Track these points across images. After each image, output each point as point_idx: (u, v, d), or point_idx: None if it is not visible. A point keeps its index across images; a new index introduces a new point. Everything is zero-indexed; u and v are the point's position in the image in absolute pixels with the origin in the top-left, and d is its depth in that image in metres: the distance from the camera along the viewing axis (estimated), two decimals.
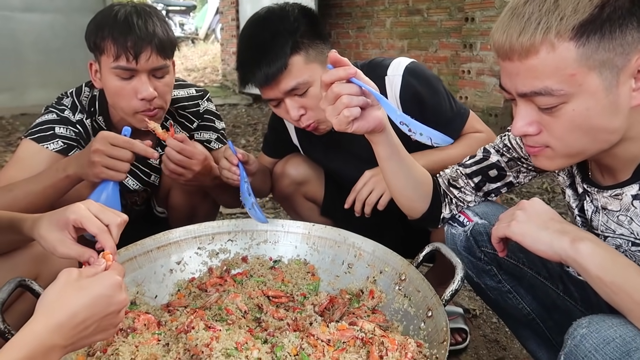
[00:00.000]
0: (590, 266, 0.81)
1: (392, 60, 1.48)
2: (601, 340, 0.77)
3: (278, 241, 1.42)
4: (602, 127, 0.82)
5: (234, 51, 7.30)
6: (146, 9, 1.39)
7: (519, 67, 0.82)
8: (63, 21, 5.59)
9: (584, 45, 0.77)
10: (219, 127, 1.72)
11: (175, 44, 1.44)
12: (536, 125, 0.87)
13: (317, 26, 1.38)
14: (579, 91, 0.79)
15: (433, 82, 1.45)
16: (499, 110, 4.21)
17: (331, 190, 1.69)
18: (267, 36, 1.32)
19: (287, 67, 1.30)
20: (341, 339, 1.01)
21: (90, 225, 0.88)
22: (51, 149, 1.42)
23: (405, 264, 1.20)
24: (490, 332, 1.73)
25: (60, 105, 1.49)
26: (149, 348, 1.02)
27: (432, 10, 5.06)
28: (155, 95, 1.38)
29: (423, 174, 1.22)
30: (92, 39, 1.37)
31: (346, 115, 0.94)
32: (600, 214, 0.97)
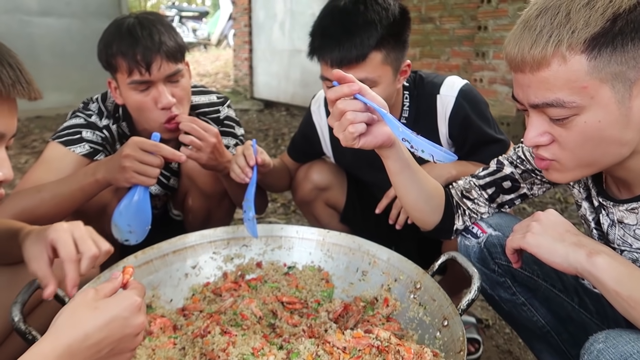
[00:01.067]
0: (607, 280, 0.80)
1: (444, 78, 1.50)
2: (618, 356, 0.76)
3: (292, 247, 1.43)
4: (614, 139, 0.82)
5: (246, 57, 7.36)
6: (149, 18, 1.40)
7: (531, 79, 0.83)
8: (79, 25, 5.68)
9: (595, 58, 0.77)
10: (239, 133, 1.74)
11: (184, 46, 1.45)
12: (548, 136, 0.87)
13: (407, 32, 1.37)
14: (591, 103, 0.80)
15: (483, 107, 1.49)
16: (511, 119, 4.20)
17: (352, 198, 1.70)
18: (360, 20, 1.28)
19: (365, 59, 1.29)
20: (357, 347, 1.01)
21: (61, 249, 0.88)
22: (77, 152, 1.44)
23: (421, 272, 1.20)
24: (503, 343, 1.72)
25: (87, 110, 1.52)
26: (166, 352, 1.02)
27: (445, 19, 5.06)
28: (174, 102, 1.40)
29: (435, 186, 1.22)
30: (103, 58, 1.40)
31: (351, 132, 0.95)
32: (617, 227, 0.96)
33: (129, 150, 1.21)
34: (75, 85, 5.59)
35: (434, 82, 1.49)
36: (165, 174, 1.67)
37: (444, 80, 1.49)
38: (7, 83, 0.78)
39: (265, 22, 6.87)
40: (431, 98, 1.48)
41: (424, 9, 5.28)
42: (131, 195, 1.26)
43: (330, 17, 1.33)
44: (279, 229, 1.44)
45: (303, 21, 6.10)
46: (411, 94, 1.51)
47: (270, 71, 6.94)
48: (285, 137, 5.08)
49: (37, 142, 4.45)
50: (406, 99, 1.51)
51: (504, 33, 4.25)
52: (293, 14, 6.28)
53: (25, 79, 0.82)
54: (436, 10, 5.14)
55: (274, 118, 6.25)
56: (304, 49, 5.75)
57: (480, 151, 1.45)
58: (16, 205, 1.25)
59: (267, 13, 6.79)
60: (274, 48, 6.78)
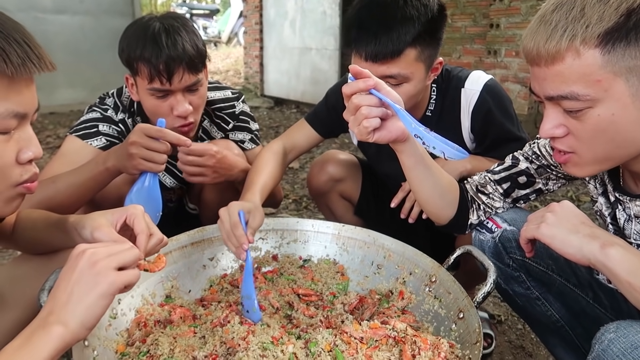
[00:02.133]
0: (620, 271, 0.81)
1: (470, 72, 1.50)
2: (629, 345, 0.77)
3: (308, 241, 1.44)
4: (628, 133, 0.83)
5: (256, 54, 7.38)
6: (174, 24, 1.40)
7: (546, 73, 0.84)
8: (92, 23, 5.74)
9: (609, 52, 0.78)
10: (253, 128, 1.76)
11: (205, 54, 1.46)
12: (563, 129, 0.88)
13: (442, 29, 1.36)
14: (604, 97, 0.81)
15: (506, 103, 1.49)
16: (523, 117, 4.18)
17: (366, 191, 1.72)
18: (398, 15, 1.27)
19: (401, 55, 1.28)
20: (374, 337, 1.03)
21: (138, 224, 0.93)
22: (95, 146, 1.47)
23: (436, 265, 1.21)
24: (516, 338, 1.72)
25: (104, 105, 1.55)
26: (187, 340, 1.05)
27: (457, 16, 5.04)
28: (190, 111, 1.43)
29: (449, 181, 1.23)
30: (124, 56, 1.42)
31: (365, 126, 0.97)
32: (633, 222, 0.97)
33: (135, 137, 1.23)
34: (89, 82, 5.65)
35: (459, 76, 1.50)
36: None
37: (469, 75, 1.49)
38: (17, 63, 0.77)
39: (276, 20, 6.89)
40: (456, 92, 1.49)
41: None
42: (141, 182, 1.27)
43: (368, 9, 1.32)
44: (294, 223, 1.46)
45: (314, 19, 6.11)
46: (439, 87, 1.52)
47: (280, 69, 6.97)
48: None
49: (51, 137, 4.51)
50: (433, 92, 1.51)
51: (516, 31, 4.23)
52: (304, 12, 6.29)
53: (35, 54, 0.80)
54: (448, 8, 5.09)
55: (284, 115, 6.28)
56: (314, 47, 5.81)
57: (500, 147, 1.45)
58: (33, 197, 1.27)
59: (278, 11, 6.81)
60: (285, 46, 6.80)
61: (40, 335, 0.69)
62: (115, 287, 0.74)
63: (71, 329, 0.71)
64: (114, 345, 1.04)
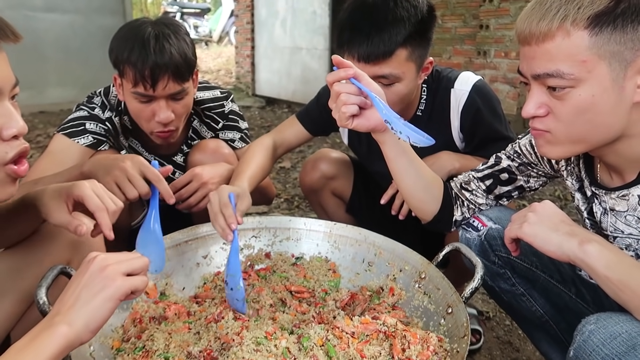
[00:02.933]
0: (597, 266, 0.85)
1: (459, 73, 1.54)
2: (608, 336, 0.81)
3: (300, 239, 1.47)
4: (605, 115, 0.87)
5: (248, 54, 7.39)
6: (165, 31, 1.41)
7: (536, 51, 0.89)
8: (82, 21, 5.71)
9: (596, 34, 0.83)
10: (243, 127, 1.79)
11: (193, 64, 1.47)
12: (545, 108, 0.93)
13: (432, 30, 1.39)
14: (587, 77, 0.85)
15: (494, 104, 1.53)
16: (512, 117, 4.24)
17: (358, 189, 1.75)
18: (389, 16, 1.30)
19: (392, 55, 1.31)
20: (365, 332, 1.06)
21: (90, 202, 1.00)
22: (81, 144, 1.49)
23: (425, 262, 1.25)
24: (504, 334, 1.77)
25: (91, 104, 1.56)
26: (182, 336, 1.07)
27: (447, 17, 5.09)
28: (172, 119, 1.45)
29: (432, 176, 1.27)
30: (112, 57, 1.43)
31: (343, 112, 1.04)
32: (609, 215, 1.01)
33: (129, 167, 1.21)
34: (79, 80, 5.62)
35: (449, 76, 1.53)
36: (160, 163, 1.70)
37: (458, 75, 1.53)
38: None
39: (267, 20, 6.90)
40: (446, 92, 1.52)
41: None
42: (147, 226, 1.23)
43: (360, 12, 1.35)
44: (287, 221, 1.48)
45: (304, 19, 6.13)
46: (429, 87, 1.55)
47: (271, 68, 6.98)
48: None
49: (41, 137, 4.49)
50: (424, 92, 1.55)
51: (505, 32, 4.29)
52: (294, 12, 6.31)
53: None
54: (438, 9, 5.17)
55: (275, 115, 6.29)
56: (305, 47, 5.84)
57: (488, 146, 1.49)
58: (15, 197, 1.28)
59: (269, 10, 6.83)
60: (276, 45, 6.82)
61: (45, 334, 0.71)
62: (122, 291, 0.76)
63: (75, 330, 0.72)
64: (110, 341, 1.06)
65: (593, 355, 0.82)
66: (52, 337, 0.70)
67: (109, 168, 1.24)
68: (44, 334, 0.71)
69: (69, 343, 0.72)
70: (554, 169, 1.19)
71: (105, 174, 1.24)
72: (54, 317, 0.74)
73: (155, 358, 0.97)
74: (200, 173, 1.49)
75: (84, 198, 1.01)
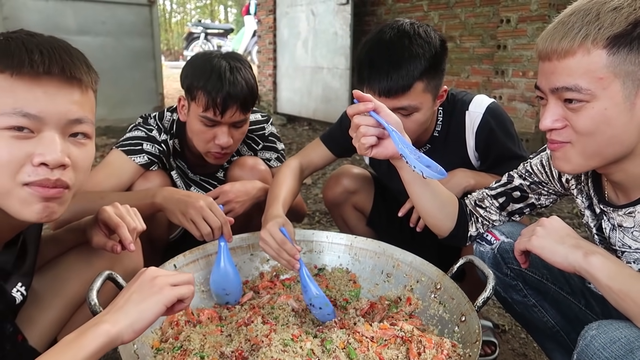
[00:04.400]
0: (600, 276, 0.92)
1: (473, 96, 1.63)
2: (608, 340, 0.88)
3: (323, 251, 1.56)
4: (616, 129, 0.94)
5: (270, 73, 7.58)
6: (237, 65, 1.57)
7: (557, 66, 0.96)
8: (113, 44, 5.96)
9: (614, 54, 0.91)
10: (279, 147, 1.93)
11: (257, 97, 1.63)
12: (562, 122, 0.99)
13: (444, 62, 1.47)
14: (601, 94, 0.92)
15: (508, 125, 1.62)
16: (530, 135, 4.29)
17: (378, 204, 1.84)
18: (405, 54, 1.39)
19: (410, 89, 1.40)
20: (383, 337, 1.14)
21: (110, 222, 1.16)
22: (137, 162, 1.62)
23: (441, 274, 1.32)
24: (519, 347, 1.81)
25: (148, 125, 1.70)
26: (215, 337, 1.17)
27: (465, 37, 5.19)
28: (230, 144, 1.60)
29: (448, 196, 1.36)
30: (186, 82, 1.58)
31: (363, 143, 1.13)
32: (617, 231, 1.08)
33: (202, 205, 1.39)
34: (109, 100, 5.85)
35: (464, 99, 1.63)
36: (212, 183, 1.84)
37: (473, 98, 1.62)
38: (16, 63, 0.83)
39: (289, 40, 7.10)
40: (461, 114, 1.61)
41: (445, 28, 5.43)
42: (218, 264, 1.39)
43: (377, 50, 1.44)
44: (310, 234, 1.58)
45: (325, 39, 6.30)
46: (445, 110, 1.64)
47: (293, 87, 7.15)
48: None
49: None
50: (440, 115, 1.63)
51: (523, 52, 4.36)
52: (316, 33, 6.48)
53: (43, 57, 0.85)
54: (456, 30, 5.28)
55: (296, 132, 6.43)
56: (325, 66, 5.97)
57: (502, 165, 1.56)
58: (77, 204, 1.39)
59: (291, 32, 7.02)
60: (297, 65, 6.99)
61: (90, 331, 0.79)
62: (169, 298, 0.85)
63: (118, 328, 0.79)
64: (150, 341, 1.16)
65: (594, 359, 0.89)
66: (96, 333, 0.78)
67: (186, 206, 1.40)
68: (90, 330, 0.79)
69: (110, 340, 0.78)
70: (564, 187, 1.26)
71: (180, 213, 1.41)
72: (104, 315, 0.83)
73: (192, 357, 1.06)
74: (227, 191, 1.61)
75: (106, 220, 1.16)
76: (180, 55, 16.59)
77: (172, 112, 1.74)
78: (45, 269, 1.22)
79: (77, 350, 0.76)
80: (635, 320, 0.90)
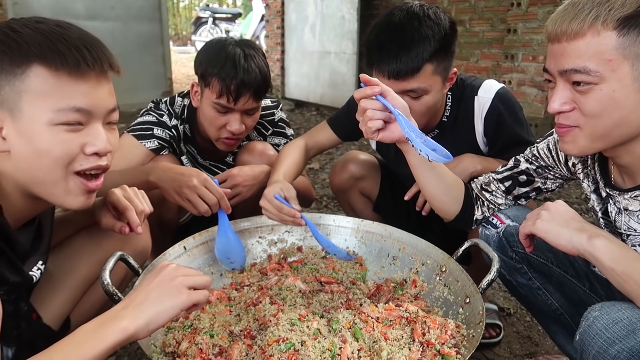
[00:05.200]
0: (604, 259, 0.93)
1: (482, 81, 1.63)
2: (610, 321, 0.89)
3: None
4: (624, 111, 0.94)
5: (278, 58, 7.56)
6: (252, 52, 1.58)
7: (566, 48, 0.96)
8: (122, 28, 5.97)
9: (624, 36, 0.91)
10: (289, 133, 1.95)
11: (269, 85, 1.64)
12: (570, 104, 0.99)
13: (454, 44, 1.47)
14: (610, 76, 0.93)
15: (517, 110, 1.61)
16: (539, 120, 4.26)
17: (385, 189, 1.86)
18: (415, 36, 1.39)
19: (420, 71, 1.40)
20: (389, 317, 1.16)
21: (119, 205, 1.19)
22: (147, 147, 1.65)
23: (446, 257, 1.34)
24: (524, 330, 1.83)
25: (159, 110, 1.72)
26: (224, 317, 1.19)
27: (475, 21, 5.13)
28: (242, 131, 1.61)
29: (454, 179, 1.36)
30: (200, 69, 1.59)
31: (369, 127, 1.14)
32: (623, 214, 1.08)
33: (196, 184, 1.41)
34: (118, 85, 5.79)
35: (473, 84, 1.62)
36: (222, 168, 1.87)
37: (482, 83, 1.62)
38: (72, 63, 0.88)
39: (297, 25, 7.05)
40: (470, 99, 1.61)
41: (454, 12, 5.36)
42: (219, 235, 1.44)
43: (387, 32, 1.43)
44: (317, 218, 1.60)
45: (333, 24, 6.26)
46: (454, 95, 1.64)
47: (301, 72, 7.13)
48: None
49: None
50: (449, 99, 1.63)
51: (533, 36, 4.31)
52: (323, 17, 6.43)
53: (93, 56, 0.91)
54: (466, 13, 5.22)
55: (304, 117, 6.43)
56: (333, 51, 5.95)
57: (510, 150, 1.55)
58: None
59: (299, 16, 6.97)
60: (305, 49, 6.96)
61: (110, 324, 0.82)
62: (186, 303, 0.88)
63: (136, 325, 0.82)
64: None
65: (596, 339, 0.91)
66: (115, 328, 0.81)
67: (179, 185, 1.42)
68: (109, 323, 0.82)
69: (128, 336, 0.82)
70: (570, 171, 1.26)
71: (174, 190, 1.43)
72: (122, 309, 0.85)
73: (202, 335, 1.09)
74: (235, 174, 1.63)
75: (114, 202, 1.20)
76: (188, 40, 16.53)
77: (183, 97, 1.76)
78: (57, 250, 1.25)
79: (96, 343, 0.80)
80: (637, 302, 0.91)
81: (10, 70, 0.87)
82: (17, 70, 0.87)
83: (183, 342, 1.08)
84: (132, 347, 1.71)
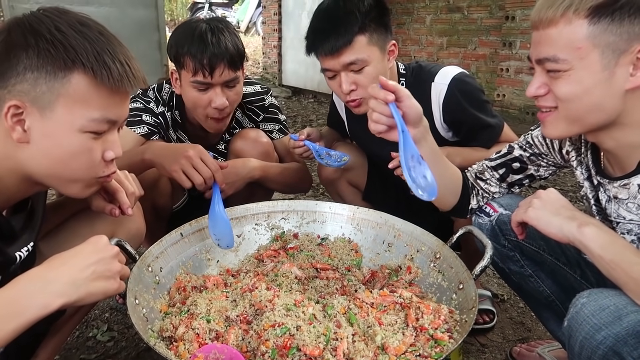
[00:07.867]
0: (593, 246, 0.95)
1: (440, 67, 1.64)
2: (598, 307, 0.92)
3: (325, 221, 1.59)
4: (594, 97, 0.97)
5: (275, 44, 7.51)
6: (219, 25, 1.58)
7: (542, 35, 1.00)
8: (117, 14, 5.90)
9: (595, 24, 0.93)
10: (282, 119, 1.94)
11: (244, 55, 1.64)
12: (545, 88, 1.03)
13: (385, 17, 1.55)
14: (578, 64, 0.96)
15: (476, 94, 1.62)
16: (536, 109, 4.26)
17: (373, 178, 1.87)
18: (340, 13, 1.49)
19: (352, 43, 1.47)
20: (383, 303, 1.18)
21: (109, 187, 1.20)
22: (137, 133, 1.65)
23: (440, 244, 1.36)
24: (517, 315, 1.86)
25: (146, 97, 1.72)
26: (220, 302, 1.21)
27: (473, 8, 5.11)
28: (226, 105, 1.61)
29: (454, 173, 1.38)
30: (172, 53, 1.59)
31: (373, 128, 1.16)
32: (613, 202, 1.10)
33: (192, 154, 1.42)
34: None
35: (431, 71, 1.65)
36: (213, 155, 1.85)
37: (440, 70, 1.63)
38: (116, 78, 0.92)
39: (294, 11, 7.00)
40: (426, 85, 1.63)
41: None
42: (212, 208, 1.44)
43: (317, 17, 1.56)
44: (313, 205, 1.61)
45: None
46: (407, 82, 1.67)
47: (298, 59, 7.09)
48: (313, 123, 5.24)
49: None
50: (402, 85, 1.64)
51: None
52: None
53: (133, 74, 0.96)
54: (464, 0, 5.19)
55: (301, 105, 6.42)
56: None
57: (477, 135, 1.61)
58: None
59: (296, 2, 6.92)
60: (302, 36, 6.85)
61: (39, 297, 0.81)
62: (114, 293, 0.92)
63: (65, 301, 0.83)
64: (158, 305, 1.21)
65: (584, 325, 0.93)
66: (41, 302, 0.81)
67: (175, 157, 1.43)
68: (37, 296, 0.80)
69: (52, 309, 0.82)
70: (564, 159, 1.27)
71: (172, 163, 1.44)
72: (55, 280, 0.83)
73: (198, 320, 1.11)
74: None
75: (105, 185, 1.19)
76: None
77: (170, 83, 1.76)
78: (51, 234, 1.26)
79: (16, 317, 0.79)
80: (625, 289, 0.93)
81: (51, 72, 0.89)
82: (59, 73, 0.89)
83: (180, 327, 1.09)
84: (130, 333, 1.73)
